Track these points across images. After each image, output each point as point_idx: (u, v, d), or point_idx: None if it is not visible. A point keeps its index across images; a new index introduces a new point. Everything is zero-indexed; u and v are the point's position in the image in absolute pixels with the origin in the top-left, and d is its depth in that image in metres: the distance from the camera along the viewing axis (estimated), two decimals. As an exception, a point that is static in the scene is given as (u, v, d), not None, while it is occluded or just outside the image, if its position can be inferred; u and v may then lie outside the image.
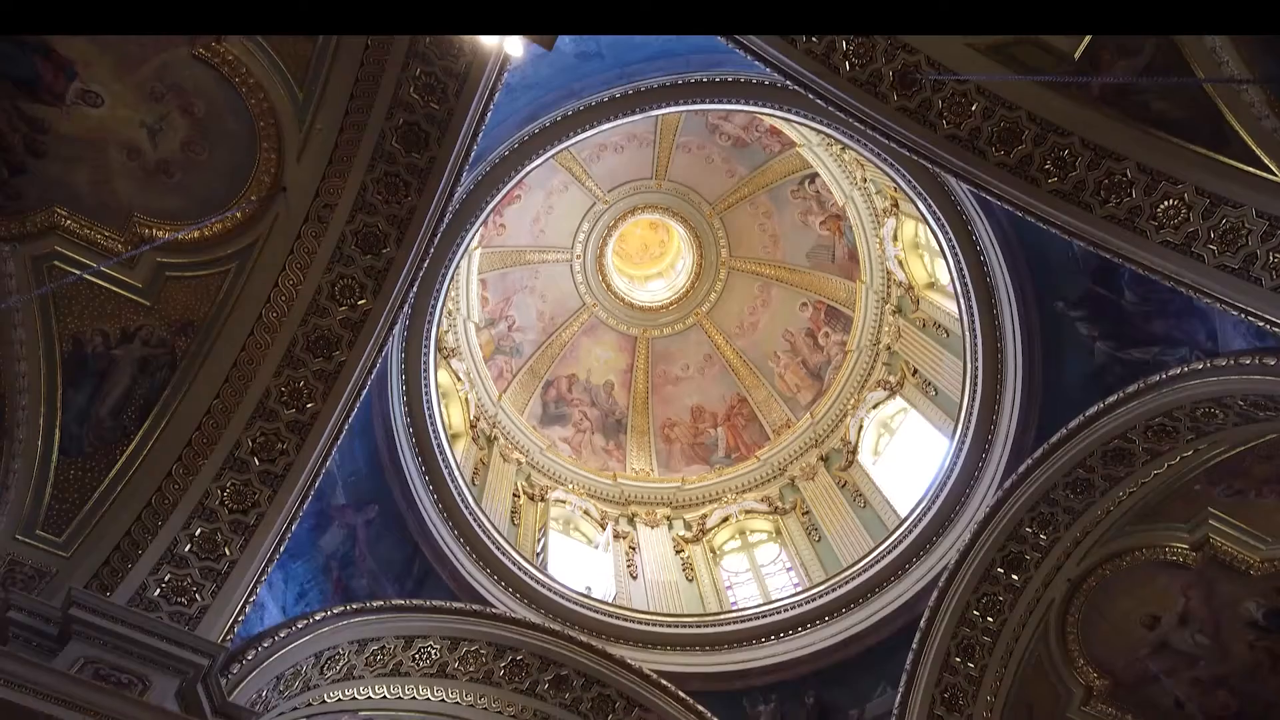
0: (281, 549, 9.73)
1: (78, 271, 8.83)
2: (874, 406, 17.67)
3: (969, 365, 13.07)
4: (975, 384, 12.88)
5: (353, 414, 10.22)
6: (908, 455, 16.24)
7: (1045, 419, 12.15)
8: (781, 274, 21.20)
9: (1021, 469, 12.09)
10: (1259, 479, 11.47)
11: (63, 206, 8.96)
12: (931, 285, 16.53)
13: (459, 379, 17.37)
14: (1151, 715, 12.95)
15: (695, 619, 14.70)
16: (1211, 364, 9.99)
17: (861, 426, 17.77)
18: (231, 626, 9.07)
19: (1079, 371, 11.64)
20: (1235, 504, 11.78)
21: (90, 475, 9.08)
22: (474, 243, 17.57)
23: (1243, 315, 8.98)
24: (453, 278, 13.90)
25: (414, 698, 12.16)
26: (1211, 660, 12.69)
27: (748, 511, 18.45)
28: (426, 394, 12.98)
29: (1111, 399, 11.04)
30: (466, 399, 17.46)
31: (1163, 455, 11.47)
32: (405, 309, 10.66)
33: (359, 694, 11.63)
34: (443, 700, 12.36)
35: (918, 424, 16.32)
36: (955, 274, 12.72)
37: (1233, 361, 9.78)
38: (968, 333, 12.96)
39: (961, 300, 12.87)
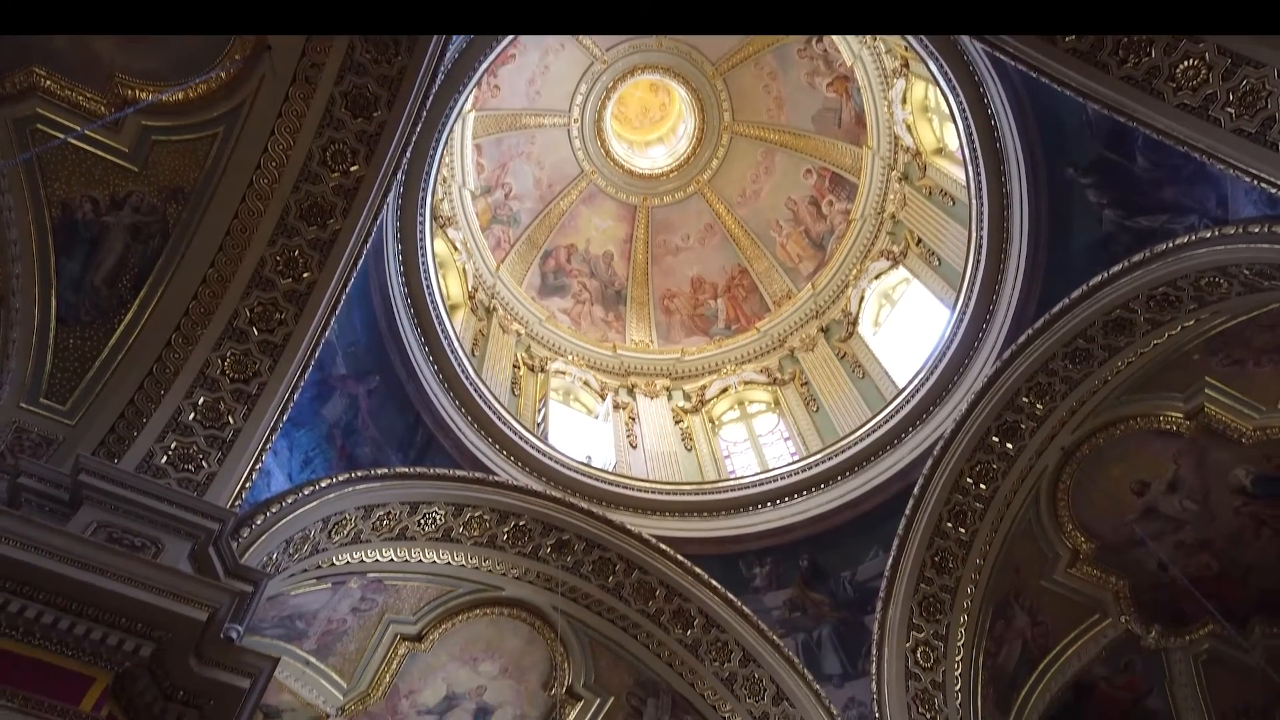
0: (285, 418, 9.81)
1: (62, 135, 8.57)
2: (876, 277, 17.55)
3: (974, 234, 12.90)
4: (980, 253, 12.74)
5: (350, 283, 10.14)
6: (908, 327, 16.25)
7: (1048, 290, 12.07)
8: (786, 139, 20.64)
9: (1021, 339, 12.09)
10: (1258, 349, 11.49)
11: (41, 66, 8.62)
12: (940, 151, 16.13)
13: (455, 248, 17.17)
14: (1135, 577, 13.40)
15: (694, 487, 15.01)
16: (1219, 232, 9.84)
17: (863, 297, 17.70)
18: (239, 493, 9.23)
19: (1085, 240, 11.49)
20: (1232, 373, 11.85)
21: (89, 344, 9.06)
22: (468, 105, 17.05)
23: (1256, 181, 8.78)
24: (446, 143, 13.55)
25: (420, 561, 12.53)
26: (1197, 525, 13.04)
27: (747, 383, 18.57)
28: (423, 263, 12.85)
29: (1116, 268, 10.94)
30: (464, 269, 17.31)
31: (1163, 325, 11.45)
32: (399, 175, 10.42)
33: (366, 557, 11.97)
34: (448, 563, 12.75)
35: (920, 295, 16.25)
36: (965, 138, 12.38)
37: (1241, 230, 9.62)
38: (974, 200, 12.73)
39: (970, 166, 12.58)
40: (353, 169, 9.82)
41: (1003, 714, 12.60)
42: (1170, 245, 10.41)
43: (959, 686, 12.22)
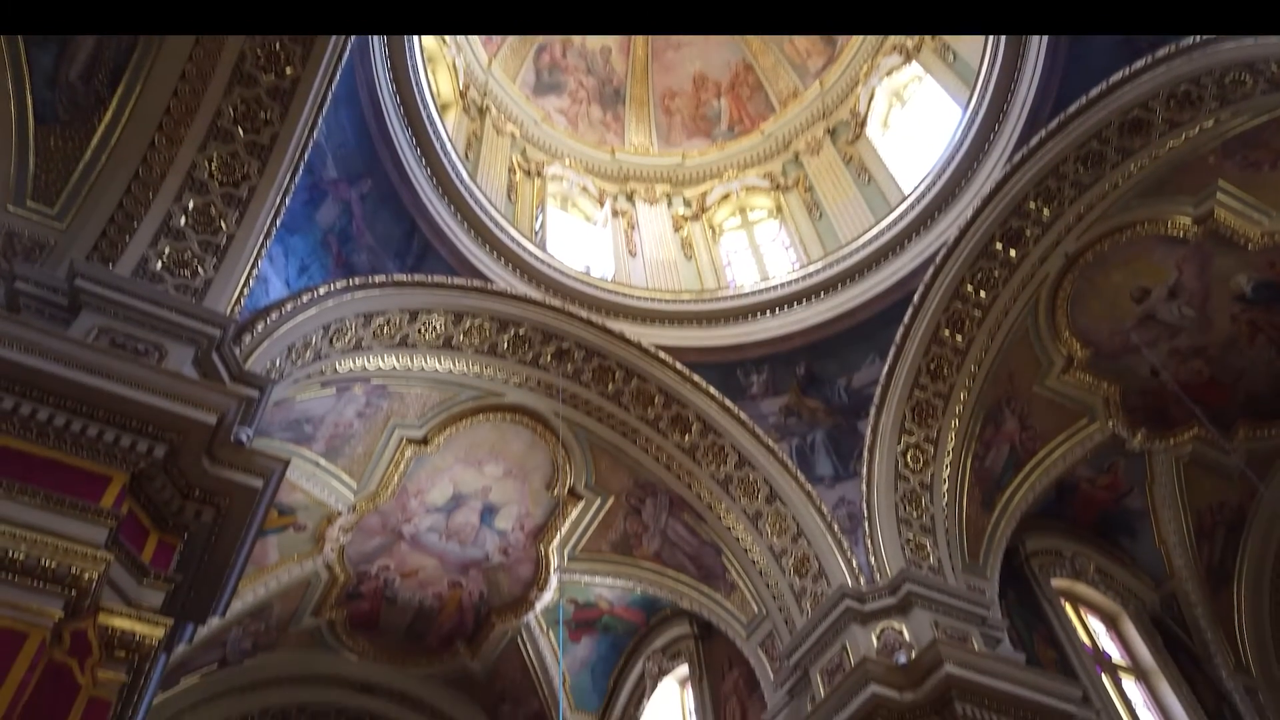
0: (278, 222, 9.59)
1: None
2: (888, 73, 16.76)
3: (993, 27, 12.21)
4: (997, 46, 12.11)
5: (335, 79, 9.66)
6: (918, 128, 15.70)
7: (1065, 89, 11.58)
8: (795, -80, 19.21)
9: (1034, 141, 11.71)
10: (1276, 150, 11.18)
11: None
12: (959, -62, 15.05)
13: (444, 41, 16.28)
14: (1127, 383, 13.63)
15: (693, 296, 14.96)
16: (1252, 25, 9.31)
17: (872, 96, 16.98)
18: (237, 299, 9.15)
19: (1109, 36, 10.89)
20: (1247, 176, 11.59)
21: (71, 144, 8.72)
22: (453, -113, 15.70)
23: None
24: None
25: (422, 368, 12.65)
26: (1193, 331, 13.14)
27: (749, 188, 18.14)
28: (411, 57, 12.22)
29: (1139, 63, 10.43)
30: (454, 64, 16.49)
31: (1181, 126, 11.08)
32: (382, -39, 9.67)
33: (369, 364, 12.07)
34: (450, 371, 12.88)
35: (932, 93, 15.60)
36: (987, -78, 11.49)
37: (1276, 22, 9.10)
38: (994, -10, 11.97)
39: (991, -47, 11.75)
40: (332, -47, 9.10)
41: (987, 512, 13.09)
42: (1198, 40, 9.87)
43: (946, 487, 12.63)
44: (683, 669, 15.12)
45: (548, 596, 15.34)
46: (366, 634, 16.11)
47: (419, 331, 12.24)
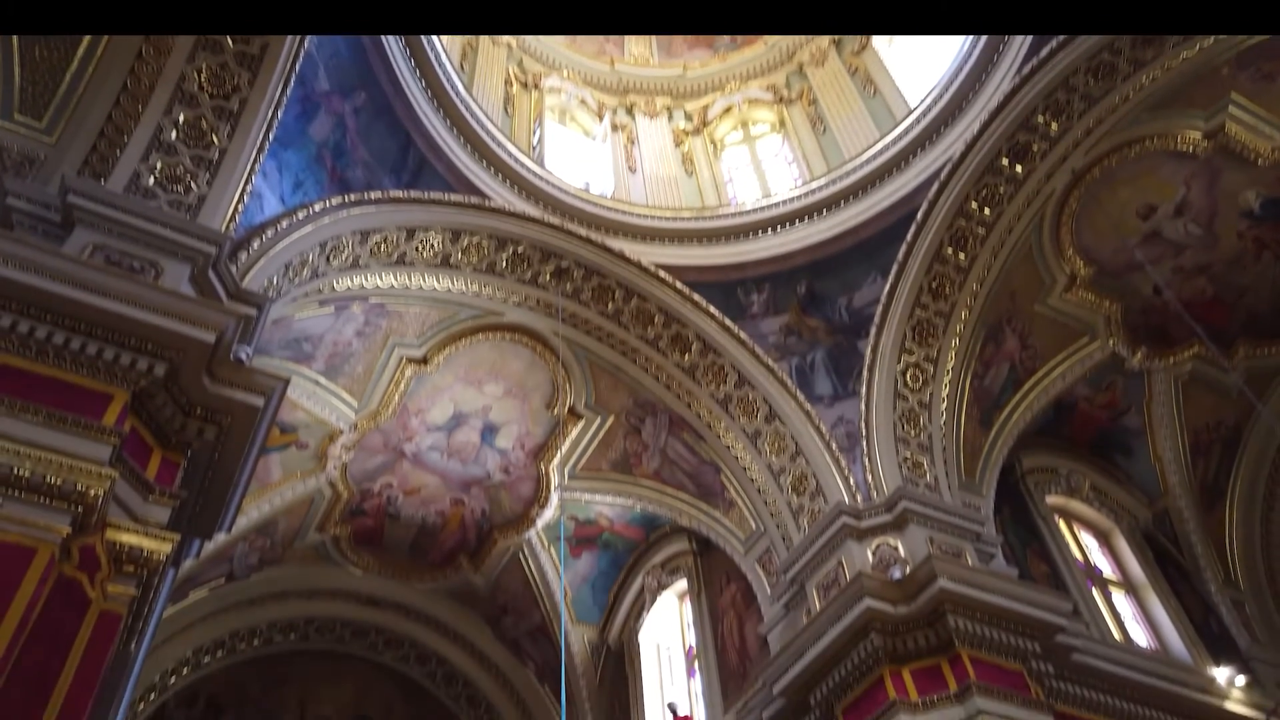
0: (270, 136, 9.39)
1: None
2: (895, -18, 16.26)
3: (1006, -68, 11.79)
4: (1010, -45, 11.71)
5: (326, -14, 9.33)
6: (926, 39, 15.25)
7: (1079, -3, 11.22)
8: None
9: (1044, 52, 11.42)
10: (1292, 61, 10.93)
11: None
12: None
13: (438, -49, 15.73)
14: (1129, 301, 13.58)
15: (694, 213, 14.76)
16: (1277, -71, 8.98)
17: (880, 4, 16.50)
18: (232, 215, 9.01)
19: (1125, -59, 10.53)
20: (1260, 89, 11.36)
21: (57, 55, 8.49)
22: None
23: None
24: None
25: (420, 287, 12.56)
26: (1198, 248, 13.04)
27: (751, 101, 17.72)
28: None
29: (1157, -29, 10.10)
30: (448, -25, 15.95)
31: (1196, 36, 10.79)
32: None
33: (366, 282, 11.98)
34: (448, 290, 12.79)
35: (939, 3, 15.12)
36: None
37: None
38: (1010, -108, 11.51)
39: None
40: None
41: (984, 431, 13.18)
42: (1218, -55, 9.52)
43: (945, 406, 12.67)
44: (681, 584, 15.42)
45: (548, 514, 15.54)
46: (370, 550, 16.38)
47: (416, 249, 12.11)
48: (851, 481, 11.91)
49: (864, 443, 12.11)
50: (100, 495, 6.34)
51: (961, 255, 12.73)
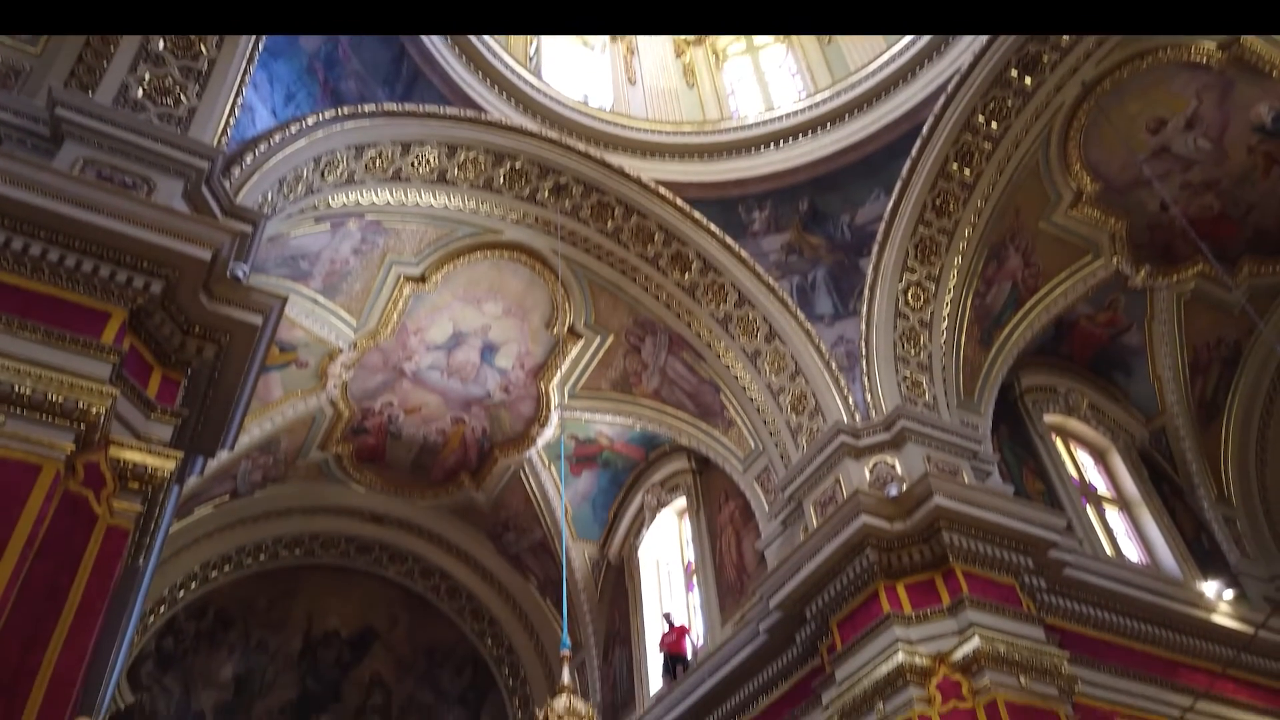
0: (260, 46, 9.13)
1: None
2: (906, -117, 15.64)
3: None
4: None
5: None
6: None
7: (1096, -100, 10.80)
8: None
9: (1059, -40, 11.02)
10: (1315, -30, 10.55)
11: None
12: None
13: None
14: (1135, 218, 13.44)
15: (694, 127, 14.48)
16: None
17: (888, -91, 15.92)
18: (224, 129, 8.81)
19: None
20: (1281, -1, 10.99)
21: (35, -38, 8.14)
22: None
23: None
24: None
25: (417, 204, 12.39)
26: (1207, 164, 12.83)
27: (754, 11, 17.22)
28: None
29: None
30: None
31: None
32: None
33: (362, 199, 11.82)
34: (445, 206, 12.63)
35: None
36: None
37: None
38: None
39: None
40: None
41: (984, 350, 13.17)
42: None
43: (945, 325, 12.63)
44: (680, 501, 15.62)
45: (549, 433, 15.65)
46: (373, 467, 16.55)
47: (412, 165, 11.91)
48: (850, 401, 11.95)
49: (863, 362, 12.11)
50: (102, 413, 6.37)
51: (967, 171, 12.54)
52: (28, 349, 6.35)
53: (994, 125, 12.31)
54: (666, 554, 16.05)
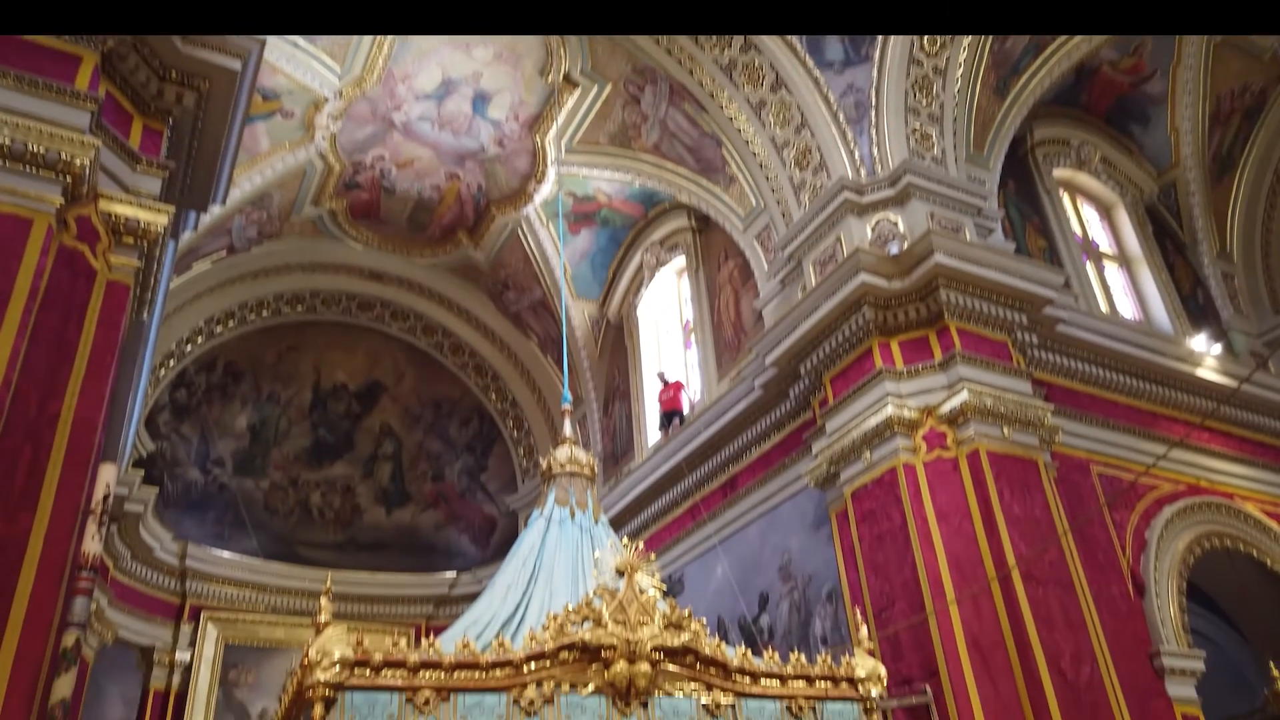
0: None
1: None
2: None
3: None
4: None
5: None
6: None
7: None
8: None
9: None
10: None
11: None
12: None
13: None
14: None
15: None
16: None
17: None
18: None
19: None
20: None
21: None
22: None
23: None
24: None
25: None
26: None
27: None
28: None
29: None
30: None
31: None
32: None
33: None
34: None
35: None
36: None
37: None
38: None
39: None
40: None
41: (999, 99, 12.62)
42: None
43: (960, 72, 12.00)
44: (680, 260, 15.62)
45: (546, 189, 15.37)
46: (368, 223, 16.41)
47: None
48: (856, 155, 11.61)
49: (872, 112, 11.63)
50: (86, 164, 6.31)
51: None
52: (2, 96, 6.24)
53: None
54: (665, 312, 16.27)
